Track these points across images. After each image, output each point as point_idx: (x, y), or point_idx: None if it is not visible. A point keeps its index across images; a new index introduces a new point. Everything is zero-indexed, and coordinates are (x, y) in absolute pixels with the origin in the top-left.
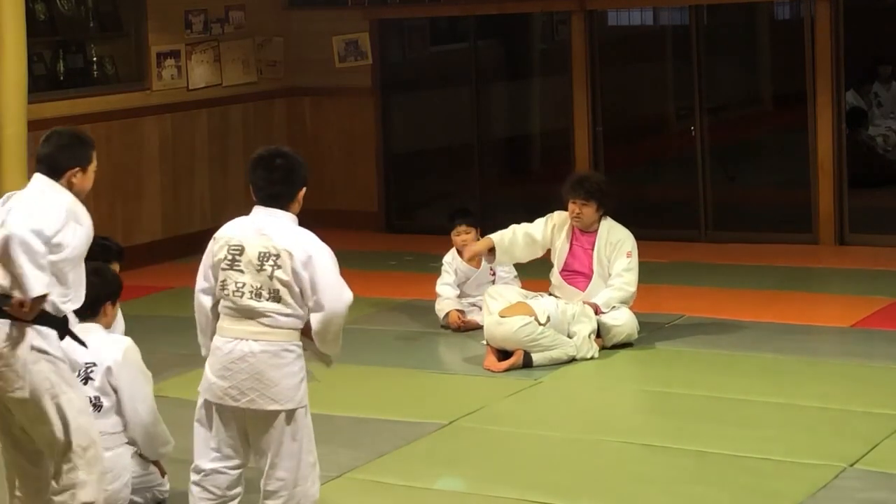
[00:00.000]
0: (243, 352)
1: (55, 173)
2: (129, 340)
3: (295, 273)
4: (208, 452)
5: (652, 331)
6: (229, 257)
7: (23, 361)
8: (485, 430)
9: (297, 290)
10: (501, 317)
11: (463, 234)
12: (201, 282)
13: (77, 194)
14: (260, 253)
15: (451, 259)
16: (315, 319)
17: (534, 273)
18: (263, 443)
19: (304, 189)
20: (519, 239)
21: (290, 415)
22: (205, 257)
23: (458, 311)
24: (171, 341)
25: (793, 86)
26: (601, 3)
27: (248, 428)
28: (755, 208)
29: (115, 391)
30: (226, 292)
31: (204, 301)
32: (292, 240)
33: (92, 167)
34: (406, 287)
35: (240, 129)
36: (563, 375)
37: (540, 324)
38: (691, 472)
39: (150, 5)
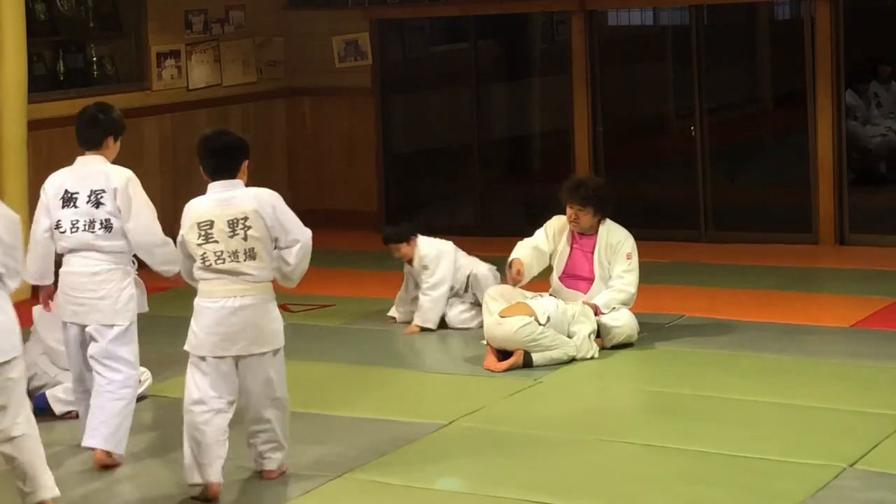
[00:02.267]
0: (234, 307)
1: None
2: (130, 171)
3: (266, 225)
4: (216, 397)
5: (652, 331)
6: (202, 233)
7: None
8: (485, 430)
9: (270, 243)
10: (502, 317)
11: (395, 253)
12: (185, 262)
13: None
14: (228, 221)
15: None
16: (292, 253)
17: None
18: (254, 381)
19: (247, 161)
20: (531, 255)
21: (276, 353)
22: (178, 242)
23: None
24: (171, 341)
25: (793, 86)
26: (601, 3)
27: (239, 371)
28: (755, 208)
29: (121, 209)
30: (208, 263)
31: (190, 279)
32: (253, 199)
33: None
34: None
35: (240, 129)
36: (563, 375)
37: (540, 324)
38: (691, 472)
39: (150, 5)
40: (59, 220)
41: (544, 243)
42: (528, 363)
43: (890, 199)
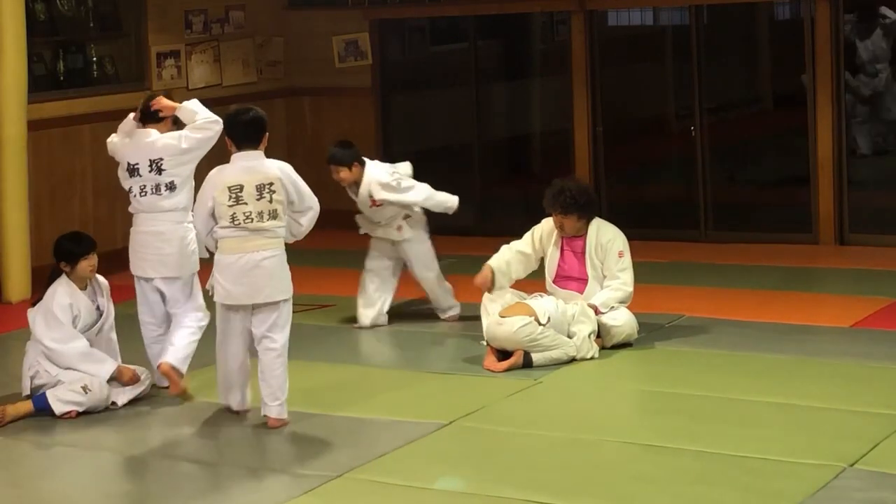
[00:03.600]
0: (256, 260)
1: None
2: (177, 132)
3: (286, 191)
4: (239, 341)
5: (652, 331)
6: (232, 196)
7: None
8: (485, 430)
9: (287, 205)
10: (501, 317)
11: (335, 174)
12: (209, 221)
13: None
14: (257, 186)
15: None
16: (305, 217)
17: (531, 273)
18: (269, 322)
19: (267, 134)
20: (513, 259)
21: (287, 301)
22: (202, 204)
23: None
24: None
25: (793, 86)
26: (601, 3)
27: (256, 315)
28: (755, 208)
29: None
30: (237, 222)
31: (208, 238)
32: (276, 169)
33: None
34: (406, 287)
35: None
36: (563, 375)
37: (540, 324)
38: (691, 472)
39: (150, 5)
40: (130, 187)
41: (529, 247)
42: (528, 363)
43: (890, 199)
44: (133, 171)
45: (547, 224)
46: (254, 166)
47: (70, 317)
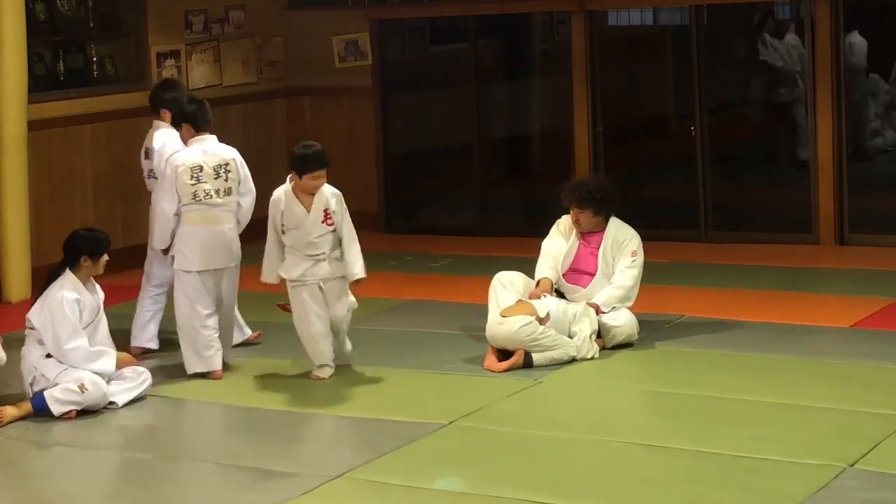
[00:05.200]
0: (216, 231)
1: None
2: (165, 132)
3: (238, 171)
4: (206, 302)
5: (652, 331)
6: (193, 176)
7: None
8: (485, 430)
9: (238, 184)
10: (502, 316)
11: (319, 179)
12: (173, 202)
13: None
14: (214, 166)
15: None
16: (246, 200)
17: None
18: (224, 283)
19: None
20: (555, 262)
21: (238, 264)
22: (168, 184)
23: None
24: (170, 342)
25: (792, 86)
26: (601, 3)
27: (215, 278)
28: (755, 208)
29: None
30: (198, 198)
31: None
32: (229, 152)
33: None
34: (406, 287)
35: (240, 129)
36: (563, 375)
37: (540, 323)
38: (691, 472)
39: (150, 5)
40: (143, 167)
41: (560, 243)
42: (528, 363)
43: (890, 199)
44: (146, 153)
45: (566, 220)
46: (210, 150)
47: (78, 312)
